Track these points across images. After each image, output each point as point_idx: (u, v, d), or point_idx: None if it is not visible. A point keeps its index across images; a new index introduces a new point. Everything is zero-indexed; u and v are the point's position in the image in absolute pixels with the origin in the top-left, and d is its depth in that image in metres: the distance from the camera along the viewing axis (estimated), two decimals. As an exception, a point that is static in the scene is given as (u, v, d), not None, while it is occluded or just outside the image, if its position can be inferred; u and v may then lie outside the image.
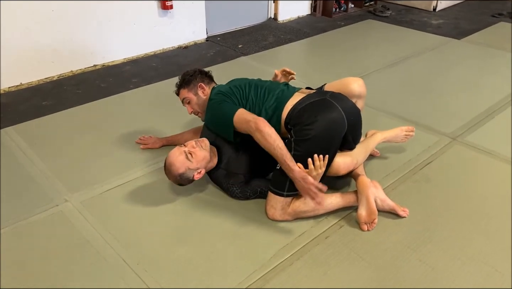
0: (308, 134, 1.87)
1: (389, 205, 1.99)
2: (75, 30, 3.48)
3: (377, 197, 1.98)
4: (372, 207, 1.92)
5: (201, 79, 2.24)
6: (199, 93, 2.21)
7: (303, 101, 1.99)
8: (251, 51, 4.07)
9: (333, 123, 1.91)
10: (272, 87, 2.13)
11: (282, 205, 1.94)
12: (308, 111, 1.93)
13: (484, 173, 2.35)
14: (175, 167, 1.97)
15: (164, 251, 1.84)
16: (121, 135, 2.68)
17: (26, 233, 1.94)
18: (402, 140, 2.37)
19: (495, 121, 2.82)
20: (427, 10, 5.38)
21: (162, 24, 3.97)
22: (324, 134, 1.89)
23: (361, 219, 1.93)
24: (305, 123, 1.90)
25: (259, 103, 2.06)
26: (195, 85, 2.22)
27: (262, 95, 2.09)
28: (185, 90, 2.23)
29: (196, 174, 2.01)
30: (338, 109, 1.93)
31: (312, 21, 5.00)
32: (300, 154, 1.87)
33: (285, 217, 1.97)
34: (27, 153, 2.50)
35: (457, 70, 3.61)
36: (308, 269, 1.75)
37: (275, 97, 2.06)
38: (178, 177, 1.99)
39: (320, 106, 1.95)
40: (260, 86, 2.13)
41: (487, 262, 1.78)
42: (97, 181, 2.26)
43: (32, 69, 3.37)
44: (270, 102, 2.05)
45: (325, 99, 1.97)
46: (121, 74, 3.59)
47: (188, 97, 2.22)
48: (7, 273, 1.74)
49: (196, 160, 1.98)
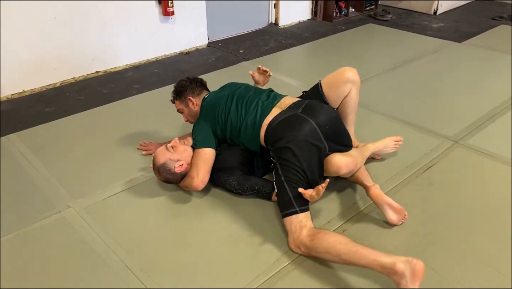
0: (285, 154, 1.90)
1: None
2: (77, 37, 3.50)
3: (407, 280, 1.55)
4: (398, 206, 1.94)
5: (191, 91, 2.34)
6: (190, 106, 2.33)
7: (276, 119, 2.05)
8: (252, 56, 4.09)
9: (306, 138, 1.92)
10: (253, 98, 2.19)
11: (294, 225, 1.81)
12: (280, 130, 1.99)
13: (487, 175, 2.35)
14: (156, 158, 2.13)
15: (166, 256, 1.84)
16: (123, 141, 2.69)
17: (29, 239, 1.94)
18: (391, 149, 2.39)
19: (496, 124, 2.82)
20: (428, 13, 5.40)
21: (164, 30, 3.99)
22: (301, 150, 1.90)
23: (394, 222, 1.95)
24: (279, 144, 1.94)
25: (240, 118, 2.15)
26: (185, 97, 2.33)
27: (244, 108, 2.16)
28: (178, 102, 2.38)
29: (177, 166, 2.09)
30: (309, 123, 1.96)
31: (313, 26, 5.02)
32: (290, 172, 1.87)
33: (300, 246, 1.78)
34: (30, 160, 2.51)
35: (458, 73, 3.61)
36: (311, 273, 1.74)
37: (255, 112, 2.13)
38: (160, 168, 2.10)
39: (291, 123, 1.99)
40: (242, 98, 2.20)
41: (491, 264, 1.77)
42: (99, 187, 2.27)
43: (35, 76, 3.39)
44: (251, 117, 2.12)
45: (296, 114, 2.01)
46: (123, 80, 3.61)
47: (181, 108, 2.39)
48: (10, 279, 1.74)
49: (176, 151, 2.12)
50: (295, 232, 1.80)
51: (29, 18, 3.22)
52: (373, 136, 2.44)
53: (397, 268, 1.53)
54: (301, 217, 1.81)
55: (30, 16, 3.21)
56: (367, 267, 1.61)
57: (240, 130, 2.15)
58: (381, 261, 1.57)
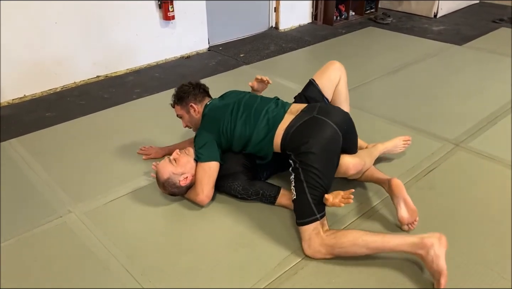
0: (309, 159, 1.85)
1: (439, 266, 1.65)
2: (78, 42, 3.51)
3: (434, 250, 1.66)
4: (412, 206, 1.93)
5: (194, 97, 2.29)
6: (191, 112, 2.29)
7: (294, 124, 2.00)
8: (253, 60, 4.09)
9: (329, 140, 1.91)
10: (262, 106, 2.15)
11: (309, 232, 1.80)
12: (301, 134, 1.94)
13: (488, 178, 2.34)
14: (160, 173, 2.09)
15: (168, 261, 1.84)
16: (124, 146, 2.69)
17: (30, 244, 1.94)
18: (400, 149, 2.42)
19: (498, 126, 2.82)
20: (428, 16, 5.40)
21: (164, 35, 4.00)
22: (324, 154, 1.88)
23: (404, 221, 1.92)
24: (302, 150, 1.88)
25: (249, 128, 2.11)
26: (187, 103, 2.28)
27: (253, 117, 2.11)
28: (178, 107, 2.32)
29: (182, 179, 2.07)
30: (329, 125, 1.93)
31: (313, 30, 5.03)
32: (312, 177, 1.84)
33: (320, 251, 1.79)
34: (31, 164, 2.51)
35: (459, 76, 3.61)
36: (313, 277, 1.74)
37: (266, 120, 2.09)
38: (164, 183, 2.08)
39: (311, 126, 1.95)
40: (250, 107, 2.16)
41: (492, 267, 1.77)
42: (100, 192, 2.27)
43: (36, 81, 3.39)
44: (262, 125, 2.09)
45: (314, 117, 1.98)
46: (124, 85, 3.61)
47: (181, 114, 2.34)
48: (10, 285, 1.74)
49: (179, 164, 2.08)
50: (314, 237, 1.79)
51: (30, 23, 3.22)
52: (374, 139, 2.43)
53: (426, 241, 1.67)
54: (316, 225, 1.81)
55: (31, 20, 3.22)
56: (394, 250, 1.72)
57: (250, 140, 2.11)
58: (409, 239, 1.70)
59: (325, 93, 2.34)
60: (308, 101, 2.30)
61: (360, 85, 3.44)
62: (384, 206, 2.12)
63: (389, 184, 2.01)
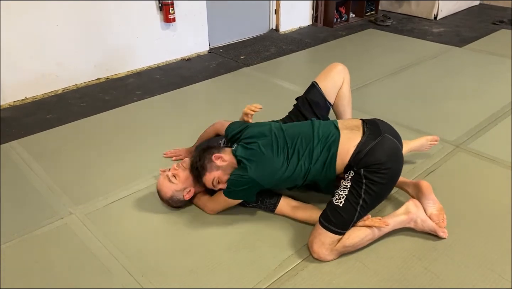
0: (384, 178, 1.81)
1: (429, 226, 1.93)
2: (79, 44, 3.51)
3: (418, 216, 1.92)
4: (440, 205, 1.98)
5: (210, 153, 1.97)
6: (220, 164, 1.94)
7: (366, 143, 1.86)
8: (254, 62, 4.10)
9: (400, 159, 1.92)
10: (305, 131, 1.98)
11: (333, 240, 1.80)
12: (377, 154, 1.83)
13: (488, 180, 2.34)
14: (162, 192, 2.07)
15: (168, 262, 1.84)
16: (125, 148, 2.69)
17: (31, 246, 1.95)
18: (427, 149, 2.44)
19: (498, 128, 2.82)
20: (428, 18, 5.41)
21: (165, 37, 4.01)
22: (392, 182, 1.90)
23: (434, 219, 1.94)
24: (379, 168, 1.80)
25: (310, 159, 1.91)
26: (209, 161, 1.95)
27: (308, 148, 1.92)
28: (206, 174, 1.96)
29: (186, 194, 2.05)
30: (396, 144, 1.91)
31: (314, 32, 5.04)
32: (370, 196, 1.80)
33: (332, 255, 1.81)
34: (32, 166, 2.51)
35: (459, 78, 3.62)
36: (313, 278, 1.74)
37: (320, 143, 1.92)
38: (169, 200, 2.07)
39: (386, 146, 1.86)
40: (296, 136, 1.96)
41: (494, 269, 1.77)
42: (101, 193, 2.27)
43: (37, 83, 3.40)
44: (318, 150, 1.91)
45: (385, 136, 1.89)
46: (124, 87, 3.62)
47: (215, 177, 1.95)
48: (12, 286, 1.74)
49: (180, 181, 2.04)
50: (331, 244, 1.80)
51: (31, 25, 3.23)
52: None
53: (410, 214, 1.91)
54: (338, 236, 1.82)
55: (32, 22, 3.23)
56: (390, 230, 1.91)
57: (307, 175, 1.93)
58: (398, 219, 1.91)
59: (328, 97, 2.32)
60: (310, 105, 2.30)
61: (361, 87, 3.45)
62: (384, 206, 2.12)
63: (418, 186, 2.03)
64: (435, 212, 1.96)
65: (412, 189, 2.07)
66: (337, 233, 1.80)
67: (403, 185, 2.13)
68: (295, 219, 2.04)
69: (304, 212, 2.02)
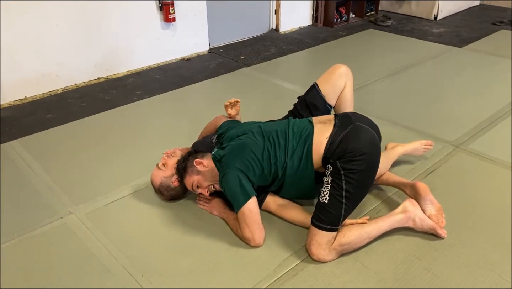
0: (361, 165, 1.80)
1: (428, 224, 1.92)
2: (79, 44, 3.51)
3: (416, 215, 1.92)
4: (438, 204, 1.98)
5: (193, 157, 2.03)
6: (200, 169, 1.98)
7: (337, 133, 1.89)
8: (253, 62, 4.10)
9: (375, 146, 1.90)
10: (281, 127, 2.02)
11: (328, 239, 1.80)
12: (350, 142, 1.84)
13: (488, 180, 2.34)
14: (153, 181, 2.14)
15: (168, 262, 1.84)
16: (125, 147, 2.69)
17: (31, 246, 1.94)
18: (420, 153, 2.42)
19: (498, 128, 2.82)
20: (428, 19, 5.41)
21: (165, 37, 4.01)
22: (373, 162, 1.88)
23: (433, 218, 1.94)
24: (354, 155, 1.80)
25: (285, 152, 1.95)
26: (191, 165, 2.01)
27: (283, 142, 1.97)
28: (187, 177, 2.03)
29: (174, 180, 2.10)
30: (371, 132, 1.91)
31: (314, 32, 5.04)
32: (352, 185, 1.79)
33: (331, 255, 1.81)
34: (32, 166, 2.51)
35: (459, 78, 3.62)
36: (313, 279, 1.74)
37: (296, 139, 1.96)
38: (160, 188, 2.12)
39: (357, 133, 1.88)
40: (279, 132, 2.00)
41: (493, 269, 1.77)
42: (101, 193, 2.27)
43: (37, 83, 3.40)
44: (294, 143, 1.95)
45: (356, 124, 1.91)
46: (124, 87, 3.62)
47: (195, 181, 2.02)
48: (11, 286, 1.74)
49: (168, 168, 2.11)
50: (327, 243, 1.80)
51: (31, 25, 3.23)
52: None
53: (407, 213, 1.91)
54: (334, 234, 1.81)
55: (31, 22, 3.23)
56: (388, 230, 1.91)
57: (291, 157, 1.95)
58: (395, 218, 1.90)
59: (328, 100, 2.29)
60: (308, 106, 2.30)
61: (361, 87, 3.45)
62: (384, 206, 2.12)
63: (415, 188, 2.02)
64: (433, 212, 1.96)
65: (409, 190, 2.07)
66: (330, 230, 1.79)
67: (401, 186, 2.13)
68: (280, 218, 2.04)
69: (290, 211, 2.03)
